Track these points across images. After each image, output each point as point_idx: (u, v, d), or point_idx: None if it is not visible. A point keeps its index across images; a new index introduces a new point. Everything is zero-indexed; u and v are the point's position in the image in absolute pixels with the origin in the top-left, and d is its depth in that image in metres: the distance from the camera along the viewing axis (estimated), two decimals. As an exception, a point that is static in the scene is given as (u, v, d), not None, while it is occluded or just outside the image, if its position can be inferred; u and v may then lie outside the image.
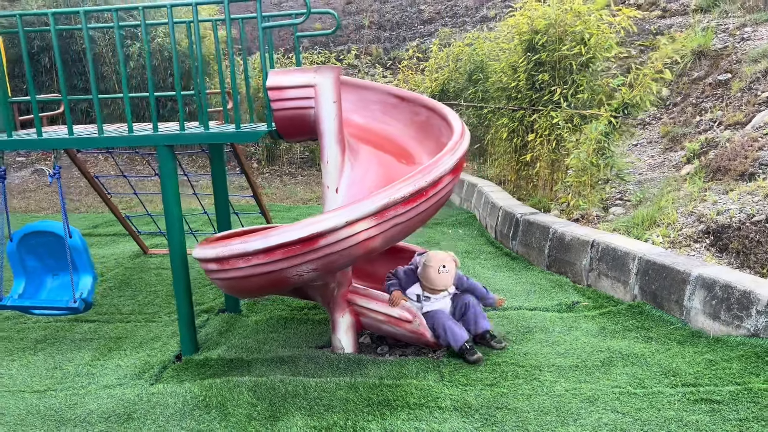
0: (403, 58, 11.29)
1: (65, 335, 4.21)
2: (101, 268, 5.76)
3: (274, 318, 4.32)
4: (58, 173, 3.66)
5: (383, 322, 3.54)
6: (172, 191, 3.48)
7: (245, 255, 2.83)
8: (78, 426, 3.01)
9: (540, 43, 5.88)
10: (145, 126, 4.23)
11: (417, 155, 3.57)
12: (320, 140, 3.34)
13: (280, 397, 3.13)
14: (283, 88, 3.28)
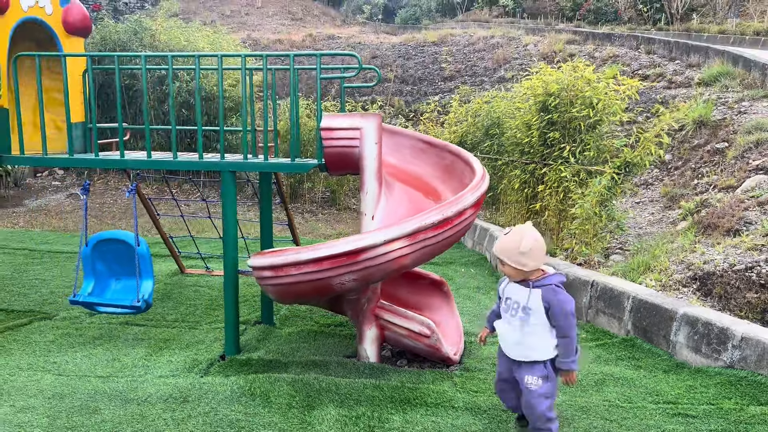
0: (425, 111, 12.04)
1: (119, 335, 4.73)
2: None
3: (305, 331, 4.83)
4: (134, 190, 4.24)
5: (404, 336, 4.05)
6: (231, 211, 4.07)
7: (297, 264, 3.38)
8: (141, 405, 3.51)
9: (553, 104, 6.54)
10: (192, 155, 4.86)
11: (442, 193, 4.15)
12: (361, 174, 3.94)
13: (315, 391, 3.62)
14: (334, 129, 3.90)
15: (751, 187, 5.83)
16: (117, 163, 4.17)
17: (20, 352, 4.34)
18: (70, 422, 3.30)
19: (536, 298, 2.84)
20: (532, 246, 2.81)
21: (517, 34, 16.38)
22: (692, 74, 10.65)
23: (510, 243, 2.84)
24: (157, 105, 12.94)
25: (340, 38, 20.05)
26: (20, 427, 3.24)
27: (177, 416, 3.36)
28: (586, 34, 15.39)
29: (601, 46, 13.88)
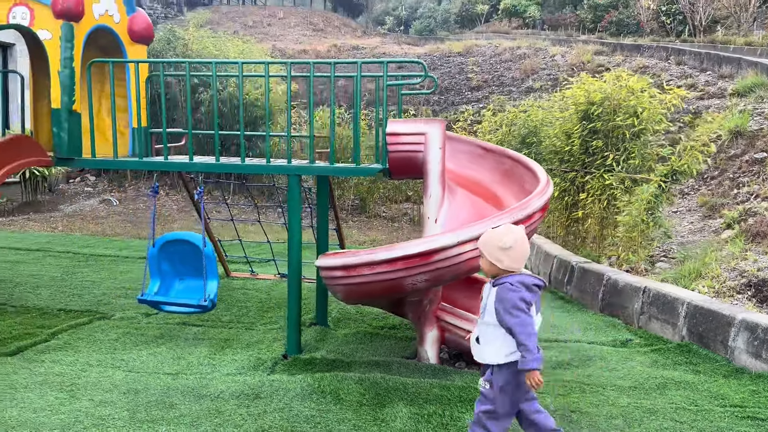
0: (458, 119, 12.14)
1: (179, 335, 4.84)
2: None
3: (360, 332, 4.91)
4: (202, 192, 4.34)
5: (465, 338, 4.11)
6: (296, 215, 4.17)
7: (371, 264, 3.46)
8: (214, 401, 3.60)
9: (596, 113, 6.61)
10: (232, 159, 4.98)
11: (503, 197, 4.22)
12: (425, 179, 4.03)
13: (383, 390, 3.69)
14: (399, 134, 4.00)
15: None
16: (186, 166, 4.29)
17: (87, 350, 4.45)
18: (150, 416, 3.40)
19: (492, 296, 2.72)
20: (513, 245, 2.71)
21: (543, 45, 16.47)
22: (725, 85, 10.66)
23: (493, 236, 2.76)
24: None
25: (365, 49, 20.26)
26: (103, 420, 3.34)
27: (252, 411, 3.44)
28: (614, 45, 15.44)
29: (630, 57, 13.93)
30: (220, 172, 4.63)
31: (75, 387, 3.75)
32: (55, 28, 4.24)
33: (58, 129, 4.32)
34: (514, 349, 2.64)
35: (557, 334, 4.93)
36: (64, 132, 4.31)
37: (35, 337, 4.64)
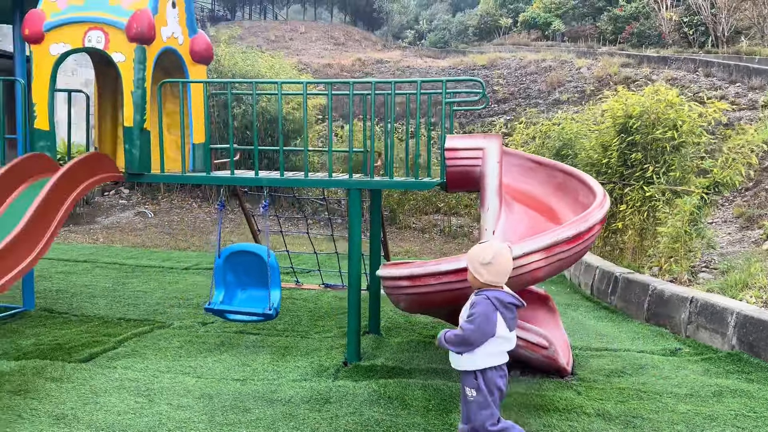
0: (486, 132, 12.28)
1: (239, 342, 5.02)
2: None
3: (413, 341, 5.06)
4: (267, 205, 4.52)
5: (521, 347, 4.21)
6: (356, 227, 4.34)
7: (437, 274, 3.62)
8: (286, 405, 3.76)
9: (634, 126, 6.73)
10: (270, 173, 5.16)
11: (558, 210, 4.36)
12: (483, 192, 4.18)
13: (447, 396, 3.83)
14: (458, 149, 4.16)
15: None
16: (252, 181, 4.49)
17: (154, 357, 4.64)
18: (227, 419, 3.57)
19: (468, 307, 2.94)
20: (493, 261, 2.88)
21: (568, 57, 16.61)
22: (755, 97, 10.72)
23: (477, 251, 2.95)
24: (222, 127, 13.46)
25: (389, 62, 20.52)
26: (185, 423, 3.51)
27: (325, 416, 3.60)
28: (640, 57, 15.54)
29: (657, 69, 14.01)
30: (284, 186, 4.81)
31: (151, 392, 3.94)
32: (129, 51, 4.48)
33: (130, 146, 4.54)
34: (490, 354, 2.90)
35: (606, 344, 5.03)
36: (136, 149, 4.53)
37: (103, 345, 4.84)
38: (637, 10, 24.30)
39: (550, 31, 28.45)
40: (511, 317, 2.93)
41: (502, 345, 2.93)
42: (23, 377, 4.10)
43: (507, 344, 2.95)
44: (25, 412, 3.59)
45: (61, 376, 4.15)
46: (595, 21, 26.89)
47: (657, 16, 23.08)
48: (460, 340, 2.88)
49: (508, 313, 2.91)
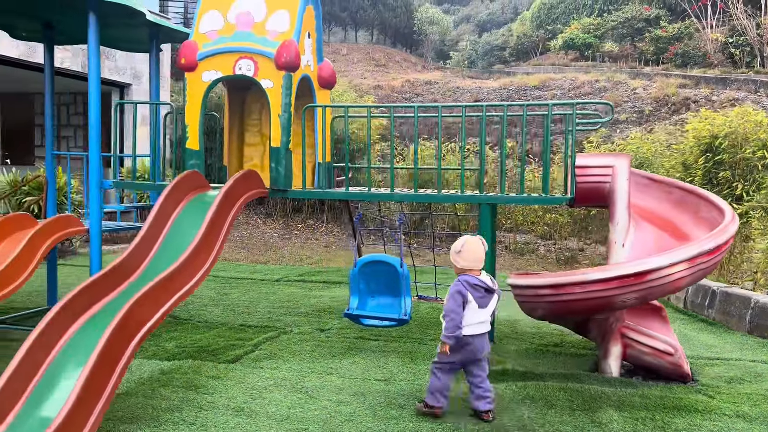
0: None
1: (363, 347, 5.36)
2: (339, 306, 6.96)
3: (529, 349, 5.33)
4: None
5: (647, 353, 4.49)
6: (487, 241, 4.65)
7: (584, 283, 3.91)
8: (437, 402, 4.06)
9: (722, 146, 6.96)
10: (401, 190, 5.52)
11: (679, 226, 4.62)
12: (612, 207, 4.47)
13: (588, 396, 4.09)
14: (589, 167, 4.48)
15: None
16: (386, 196, 4.86)
17: (293, 359, 4.99)
18: (389, 414, 3.88)
19: None
20: (463, 249, 3.72)
21: (621, 78, 16.82)
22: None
23: (454, 244, 3.78)
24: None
25: (437, 83, 20.96)
26: (352, 416, 3.83)
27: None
28: (697, 78, 15.70)
29: (717, 90, 14.16)
30: (417, 201, 5.18)
31: (307, 389, 4.28)
32: (277, 78, 4.91)
33: (276, 164, 4.95)
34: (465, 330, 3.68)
35: (716, 353, 5.24)
36: (282, 167, 4.94)
37: (242, 348, 5.22)
38: (680, 31, 24.39)
39: (590, 52, 28.61)
40: (479, 296, 3.69)
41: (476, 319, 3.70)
42: (185, 375, 4.49)
43: (478, 318, 3.71)
44: (204, 405, 3.95)
45: (219, 375, 4.53)
46: (633, 41, 27.02)
47: (701, 37, 23.16)
48: (445, 315, 3.70)
49: (476, 292, 3.68)
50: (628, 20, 27.85)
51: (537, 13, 35.24)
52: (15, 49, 10.75)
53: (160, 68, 15.31)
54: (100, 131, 5.26)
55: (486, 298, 3.72)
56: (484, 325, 3.75)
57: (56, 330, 3.46)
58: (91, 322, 3.61)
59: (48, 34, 6.29)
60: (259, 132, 5.97)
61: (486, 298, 3.72)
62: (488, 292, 3.73)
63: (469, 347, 3.72)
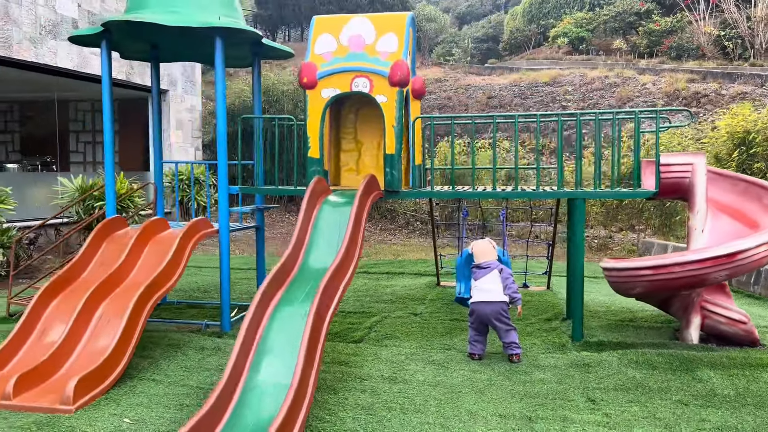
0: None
1: (463, 327, 6.07)
2: (413, 294, 7.68)
3: (609, 324, 6.08)
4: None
5: (723, 323, 5.25)
6: (580, 234, 5.39)
7: (683, 263, 4.66)
8: (557, 369, 4.79)
9: (756, 140, 7.77)
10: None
11: (748, 213, 5.37)
12: (692, 198, 5.23)
13: (683, 359, 4.82)
14: (671, 165, 5.22)
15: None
16: (489, 194, 5.58)
17: (408, 338, 5.67)
18: (521, 379, 4.61)
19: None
20: (473, 251, 5.17)
21: (630, 73, 17.64)
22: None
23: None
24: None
25: (447, 81, 21.63)
26: (490, 381, 4.55)
27: (595, 376, 4.61)
28: (704, 73, 16.55)
29: (725, 84, 15.02)
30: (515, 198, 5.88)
31: (436, 362, 4.98)
32: (391, 93, 5.58)
33: (391, 169, 5.64)
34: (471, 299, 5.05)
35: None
36: (396, 171, 5.63)
37: (359, 331, 5.91)
38: (672, 24, 25.27)
39: (584, 46, 29.39)
40: (474, 273, 5.07)
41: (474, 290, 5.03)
42: (329, 354, 5.17)
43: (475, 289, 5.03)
44: (362, 376, 4.65)
45: (356, 352, 5.22)
46: (625, 35, 27.88)
47: (693, 30, 24.05)
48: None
49: (473, 273, 5.08)
50: (620, 14, 28.58)
51: (528, 8, 35.95)
52: (70, 62, 11.29)
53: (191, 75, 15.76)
54: (225, 142, 5.90)
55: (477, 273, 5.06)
56: (483, 293, 4.95)
57: (259, 315, 4.13)
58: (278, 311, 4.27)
59: (154, 53, 6.92)
60: (354, 139, 6.63)
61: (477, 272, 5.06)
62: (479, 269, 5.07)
63: (474, 313, 5.00)
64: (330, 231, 5.04)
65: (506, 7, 51.76)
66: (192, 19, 5.67)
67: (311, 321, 3.95)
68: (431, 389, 4.40)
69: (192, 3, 5.86)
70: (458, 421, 3.87)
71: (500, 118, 6.12)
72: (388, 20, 5.81)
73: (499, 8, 53.20)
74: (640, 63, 22.62)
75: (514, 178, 6.15)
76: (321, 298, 4.15)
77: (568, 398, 4.22)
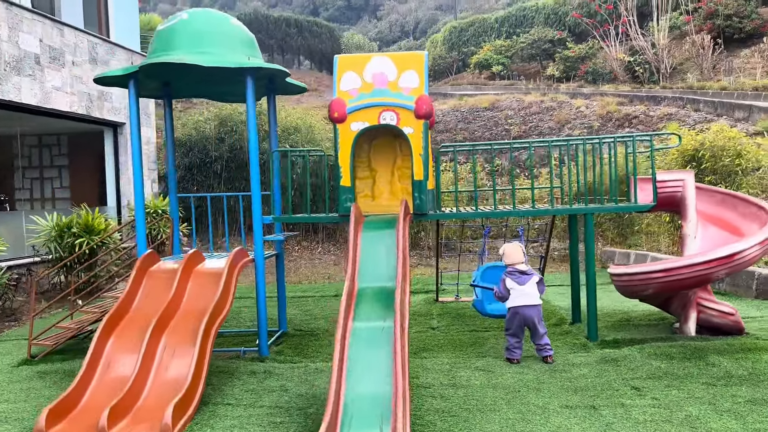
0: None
1: (485, 336, 6.60)
2: (419, 309, 8.15)
3: (615, 323, 6.80)
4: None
5: (715, 316, 6.07)
6: (591, 245, 6.09)
7: (691, 265, 5.42)
8: (586, 366, 5.40)
9: (705, 156, 8.89)
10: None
11: (728, 220, 6.24)
12: (685, 209, 6.06)
13: (693, 349, 5.57)
14: (666, 181, 6.04)
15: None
16: (506, 213, 6.20)
17: (440, 350, 6.14)
18: (562, 376, 5.19)
19: None
20: (504, 252, 5.77)
21: (563, 98, 19.06)
22: (745, 127, 13.30)
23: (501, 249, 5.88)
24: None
25: (389, 107, 22.37)
26: (520, 373, 5.10)
27: (625, 368, 5.26)
28: (631, 96, 18.16)
29: (652, 106, 16.59)
30: (538, 215, 6.51)
31: (479, 368, 5.48)
32: (417, 125, 6.08)
33: (419, 193, 6.12)
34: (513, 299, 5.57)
35: (743, 314, 6.94)
36: (424, 195, 6.13)
37: (394, 347, 6.30)
38: (586, 51, 27.35)
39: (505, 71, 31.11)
40: (517, 278, 5.55)
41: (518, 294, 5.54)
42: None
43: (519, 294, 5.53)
44: (422, 385, 5.06)
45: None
46: (541, 61, 29.90)
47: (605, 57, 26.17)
48: (498, 295, 5.69)
49: (515, 277, 5.56)
50: (536, 41, 30.50)
51: (448, 36, 37.63)
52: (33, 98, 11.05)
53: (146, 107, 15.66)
54: (258, 175, 6.21)
55: (521, 277, 5.53)
56: (527, 297, 5.47)
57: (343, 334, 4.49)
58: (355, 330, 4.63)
59: (167, 91, 7.10)
60: (368, 167, 7.06)
61: (521, 278, 5.53)
62: (523, 274, 5.54)
63: (518, 315, 5.49)
64: (376, 253, 5.47)
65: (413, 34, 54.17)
66: (225, 60, 5.99)
67: (398, 335, 4.35)
68: (492, 391, 4.88)
69: (220, 43, 6.17)
70: (533, 414, 4.37)
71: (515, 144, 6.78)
72: (407, 59, 6.34)
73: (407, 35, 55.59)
74: (561, 87, 24.42)
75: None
76: (402, 313, 4.56)
77: (614, 388, 4.82)
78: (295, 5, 68.77)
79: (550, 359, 5.52)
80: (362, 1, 70.53)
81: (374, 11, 68.38)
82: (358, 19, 66.68)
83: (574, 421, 4.21)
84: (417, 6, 64.76)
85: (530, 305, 5.50)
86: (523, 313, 5.49)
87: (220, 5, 69.89)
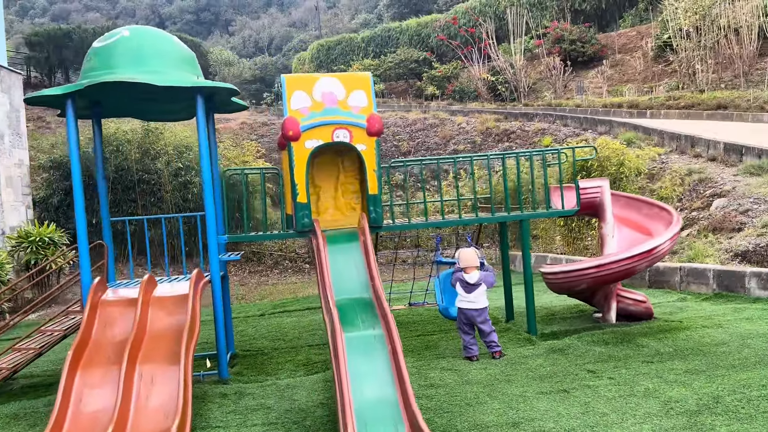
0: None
1: (455, 338, 6.99)
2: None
3: (546, 316, 7.49)
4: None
5: (630, 304, 6.97)
6: (527, 249, 6.75)
7: (619, 260, 6.22)
8: (567, 354, 5.99)
9: (593, 166, 10.07)
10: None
11: (636, 221, 7.19)
12: (603, 212, 6.91)
13: (622, 334, 6.36)
14: (587, 188, 6.86)
15: (722, 206, 9.83)
16: (455, 222, 6.67)
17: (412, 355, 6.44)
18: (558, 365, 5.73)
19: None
20: (459, 256, 6.12)
21: (444, 115, 20.22)
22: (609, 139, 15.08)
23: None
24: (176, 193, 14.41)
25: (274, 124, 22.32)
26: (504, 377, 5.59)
27: (572, 354, 5.91)
28: (506, 113, 19.69)
29: (526, 123, 18.14)
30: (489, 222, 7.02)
31: (458, 369, 5.87)
32: (369, 142, 6.35)
33: (374, 207, 6.38)
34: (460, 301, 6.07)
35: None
36: (379, 208, 6.40)
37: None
38: (451, 71, 29.09)
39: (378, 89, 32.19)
40: (465, 287, 5.99)
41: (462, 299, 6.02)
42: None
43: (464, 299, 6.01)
44: (403, 389, 5.33)
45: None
46: (408, 80, 31.38)
47: (470, 76, 28.03)
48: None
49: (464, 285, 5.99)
50: (403, 61, 31.79)
51: (316, 53, 37.93)
52: None
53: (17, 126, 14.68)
54: (211, 195, 6.14)
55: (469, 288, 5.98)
56: (470, 303, 5.96)
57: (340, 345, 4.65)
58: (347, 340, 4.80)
59: (97, 110, 6.76)
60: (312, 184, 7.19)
61: (468, 288, 5.98)
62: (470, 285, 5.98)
63: (462, 313, 6.03)
64: (345, 266, 5.71)
65: (268, 50, 53.94)
66: (175, 79, 5.90)
67: (394, 341, 4.61)
68: (469, 387, 5.27)
69: (164, 62, 6.04)
70: (517, 403, 4.80)
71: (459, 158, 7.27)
72: (354, 79, 6.61)
73: (262, 51, 55.18)
74: (431, 104, 25.85)
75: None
76: (390, 321, 4.82)
77: (573, 373, 5.42)
78: (139, 17, 65.54)
79: (498, 355, 6.00)
80: (212, 15, 69.01)
81: (226, 26, 67.16)
82: (209, 33, 65.02)
83: (555, 404, 4.70)
84: (270, 23, 64.57)
85: (472, 309, 6.00)
86: (465, 313, 6.03)
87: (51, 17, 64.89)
